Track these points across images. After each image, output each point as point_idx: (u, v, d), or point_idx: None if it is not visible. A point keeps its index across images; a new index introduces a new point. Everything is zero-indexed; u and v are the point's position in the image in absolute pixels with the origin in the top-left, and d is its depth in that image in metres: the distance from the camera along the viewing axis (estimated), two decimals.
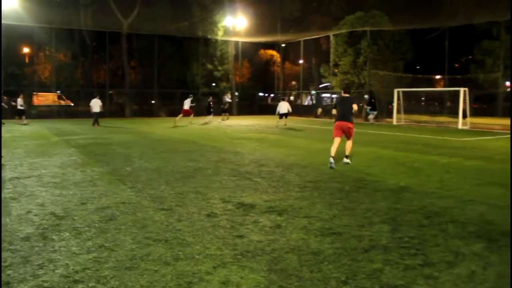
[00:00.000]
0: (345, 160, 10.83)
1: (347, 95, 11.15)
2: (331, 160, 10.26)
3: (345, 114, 10.67)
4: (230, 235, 5.27)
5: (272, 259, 4.55)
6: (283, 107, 25.66)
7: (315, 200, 7.02)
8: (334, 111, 10.94)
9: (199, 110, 34.65)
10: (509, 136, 21.14)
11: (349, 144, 10.86)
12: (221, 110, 32.52)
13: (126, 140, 16.23)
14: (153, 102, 38.60)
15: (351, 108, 10.73)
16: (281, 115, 25.62)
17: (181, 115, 26.70)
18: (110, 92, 39.67)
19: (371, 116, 31.70)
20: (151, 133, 19.70)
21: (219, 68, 41.28)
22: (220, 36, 39.98)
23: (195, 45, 39.77)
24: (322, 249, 4.82)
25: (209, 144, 15.34)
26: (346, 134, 10.72)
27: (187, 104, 26.79)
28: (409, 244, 5.03)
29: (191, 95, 27.80)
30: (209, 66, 40.53)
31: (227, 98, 32.91)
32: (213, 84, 42.07)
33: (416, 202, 7.02)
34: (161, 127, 23.78)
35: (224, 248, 4.84)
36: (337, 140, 10.55)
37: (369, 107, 32.22)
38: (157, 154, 12.31)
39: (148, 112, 37.06)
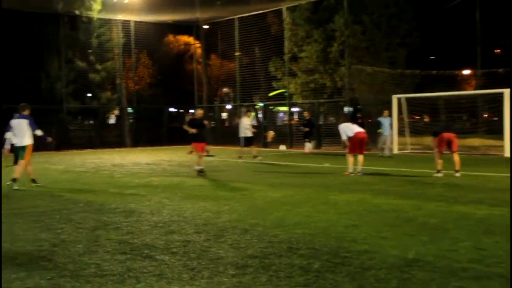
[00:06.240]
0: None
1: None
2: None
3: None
4: None
5: None
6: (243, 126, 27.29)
7: None
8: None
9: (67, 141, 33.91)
10: None
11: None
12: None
13: None
14: None
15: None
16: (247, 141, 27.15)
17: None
18: None
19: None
20: None
21: (98, 66, 40.87)
22: (97, 12, 39.79)
23: (53, 28, 39.28)
24: None
25: (81, 198, 15.13)
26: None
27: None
28: None
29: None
30: (80, 63, 40.12)
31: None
32: (89, 95, 41.59)
33: (434, 287, 6.99)
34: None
35: None
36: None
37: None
38: None
39: None
